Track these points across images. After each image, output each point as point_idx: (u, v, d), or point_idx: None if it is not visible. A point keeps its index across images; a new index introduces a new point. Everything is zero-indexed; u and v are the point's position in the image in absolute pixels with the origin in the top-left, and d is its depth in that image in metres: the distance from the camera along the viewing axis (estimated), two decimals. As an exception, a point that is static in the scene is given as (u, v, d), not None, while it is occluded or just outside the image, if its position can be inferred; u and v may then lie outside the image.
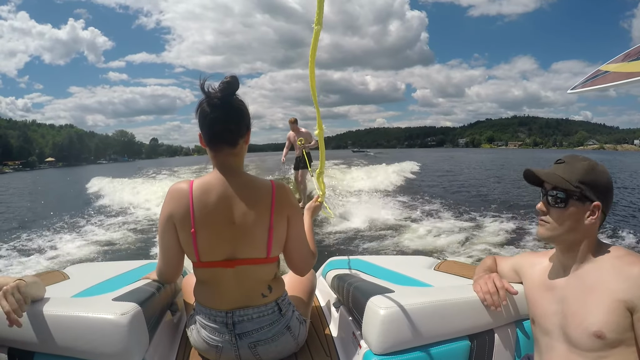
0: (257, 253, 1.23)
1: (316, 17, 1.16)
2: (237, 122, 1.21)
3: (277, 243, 1.25)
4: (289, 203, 1.26)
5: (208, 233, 1.19)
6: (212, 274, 1.25)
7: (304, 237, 1.34)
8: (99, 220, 8.82)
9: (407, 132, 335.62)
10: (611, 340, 0.90)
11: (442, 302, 1.17)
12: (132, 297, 1.24)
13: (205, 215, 1.18)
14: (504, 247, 5.67)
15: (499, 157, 51.57)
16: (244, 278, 1.24)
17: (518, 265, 1.25)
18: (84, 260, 5.52)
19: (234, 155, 1.24)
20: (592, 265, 1.00)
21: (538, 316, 1.09)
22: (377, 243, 5.82)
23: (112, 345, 1.08)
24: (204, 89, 1.16)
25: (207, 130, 1.20)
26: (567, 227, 1.01)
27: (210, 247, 1.21)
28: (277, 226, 1.23)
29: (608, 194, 1.02)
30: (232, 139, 1.21)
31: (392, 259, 2.43)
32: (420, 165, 21.15)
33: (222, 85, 1.17)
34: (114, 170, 32.18)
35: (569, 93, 1.38)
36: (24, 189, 24.21)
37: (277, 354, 1.32)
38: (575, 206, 0.99)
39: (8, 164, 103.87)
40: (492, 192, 12.62)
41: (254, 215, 1.20)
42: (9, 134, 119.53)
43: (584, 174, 1.00)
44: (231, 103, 1.19)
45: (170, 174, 19.93)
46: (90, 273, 1.83)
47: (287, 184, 1.33)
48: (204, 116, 1.18)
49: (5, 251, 6.26)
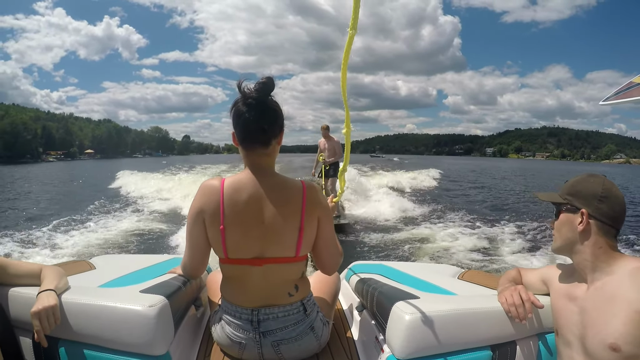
0: (286, 252, 1.22)
1: (351, 22, 1.13)
2: (271, 122, 1.20)
3: (306, 243, 1.24)
4: (319, 204, 1.24)
5: (237, 231, 1.19)
6: (239, 271, 1.24)
7: (333, 236, 1.32)
8: (122, 212, 9.07)
9: (436, 139, 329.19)
10: (627, 353, 0.88)
11: (467, 311, 1.15)
12: (159, 290, 1.25)
13: (235, 213, 1.18)
14: (527, 260, 5.47)
15: (522, 168, 49.86)
16: (272, 276, 1.23)
17: (546, 276, 1.23)
18: (107, 250, 5.64)
19: (266, 155, 1.23)
20: (610, 277, 0.99)
21: (561, 327, 1.09)
22: (400, 250, 5.75)
23: (138, 336, 1.08)
24: (240, 88, 1.17)
25: (241, 129, 1.20)
26: (565, 236, 1.08)
27: (239, 244, 1.20)
28: (308, 226, 1.22)
29: (595, 200, 1.03)
30: (265, 139, 1.20)
31: (415, 266, 2.38)
32: (442, 173, 20.75)
33: (258, 86, 1.17)
34: (148, 164, 33.28)
35: (601, 104, 1.34)
36: (62, 178, 25.37)
37: (300, 353, 1.30)
38: (566, 216, 1.08)
39: (51, 154, 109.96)
40: (516, 204, 12.21)
41: (284, 216, 1.19)
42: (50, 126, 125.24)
43: (571, 186, 1.09)
44: (266, 103, 1.18)
45: (197, 172, 20.25)
46: (116, 264, 1.84)
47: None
48: (238, 115, 1.18)
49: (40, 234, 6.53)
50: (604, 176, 1.08)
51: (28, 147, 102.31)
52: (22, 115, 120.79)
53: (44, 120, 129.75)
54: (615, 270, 0.99)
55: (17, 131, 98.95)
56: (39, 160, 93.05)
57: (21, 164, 66.58)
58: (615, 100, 1.26)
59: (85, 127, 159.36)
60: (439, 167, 21.91)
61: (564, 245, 1.09)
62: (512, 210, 10.34)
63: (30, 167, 51.02)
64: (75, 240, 6.24)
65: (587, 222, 1.03)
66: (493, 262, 5.28)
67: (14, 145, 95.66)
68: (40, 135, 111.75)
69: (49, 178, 25.41)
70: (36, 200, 12.62)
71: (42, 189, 17.10)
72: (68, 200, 12.24)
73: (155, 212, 9.11)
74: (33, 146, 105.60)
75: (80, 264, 1.72)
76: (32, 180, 22.69)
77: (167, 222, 7.84)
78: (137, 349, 1.09)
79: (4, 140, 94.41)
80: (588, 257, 1.03)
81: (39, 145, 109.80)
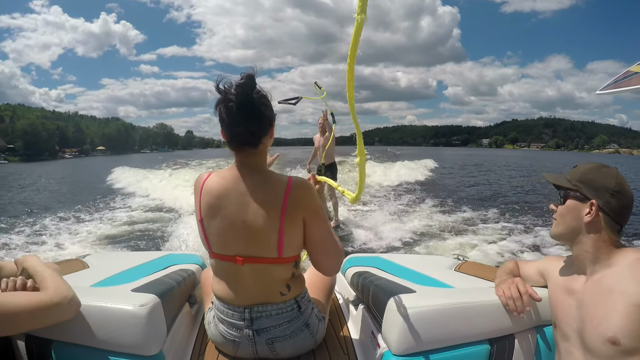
0: (267, 253, 1.14)
1: (359, 5, 0.89)
2: (257, 123, 1.11)
3: (289, 245, 1.14)
4: (304, 204, 1.13)
5: (217, 225, 1.14)
6: (227, 269, 1.19)
7: (327, 238, 1.20)
8: (117, 208, 8.86)
9: (434, 130, 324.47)
10: (626, 347, 0.85)
11: (464, 305, 1.11)
12: (152, 288, 1.21)
13: (213, 206, 1.13)
14: (526, 250, 5.37)
15: (517, 156, 49.46)
16: (260, 276, 1.17)
17: (544, 268, 1.19)
18: (100, 248, 5.45)
19: (255, 154, 1.16)
20: (610, 269, 0.96)
21: (559, 320, 1.05)
22: (397, 242, 5.62)
23: (130, 336, 1.04)
24: (219, 90, 1.07)
25: (227, 132, 1.12)
26: (568, 224, 1.02)
27: (220, 239, 1.15)
28: (289, 227, 1.12)
29: (608, 194, 0.97)
30: (253, 140, 1.12)
31: (412, 258, 2.32)
32: (437, 164, 20.51)
33: (238, 88, 1.06)
34: (153, 159, 33.13)
35: (597, 94, 1.28)
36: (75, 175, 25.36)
37: (295, 351, 1.25)
38: (573, 203, 1.01)
39: (66, 152, 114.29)
40: (512, 194, 12.06)
41: (264, 215, 1.10)
42: (63, 125, 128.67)
43: (583, 174, 1.02)
44: (250, 104, 1.08)
45: (190, 167, 19.61)
46: (110, 262, 1.80)
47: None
48: (222, 118, 1.10)
49: (37, 231, 6.41)
50: (616, 168, 1.02)
51: (46, 145, 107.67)
52: (29, 114, 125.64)
53: (52, 120, 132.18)
54: (615, 263, 0.95)
55: (37, 131, 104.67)
56: (57, 157, 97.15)
57: (40, 161, 67.25)
58: (613, 89, 1.21)
59: (91, 125, 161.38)
60: (434, 157, 21.53)
61: (565, 232, 1.04)
62: (509, 199, 10.19)
63: (49, 164, 51.40)
64: (71, 238, 6.07)
65: (596, 214, 0.98)
66: (490, 253, 5.18)
67: (34, 144, 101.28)
68: (56, 134, 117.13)
69: (66, 174, 25.44)
70: (37, 196, 12.53)
71: (44, 186, 16.89)
72: (70, 196, 12.08)
73: (148, 208, 8.83)
74: (50, 145, 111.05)
75: (74, 263, 1.67)
76: (52, 175, 22.64)
77: (160, 217, 7.56)
78: (129, 349, 1.05)
79: (24, 140, 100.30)
80: (589, 248, 0.99)
81: (55, 143, 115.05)
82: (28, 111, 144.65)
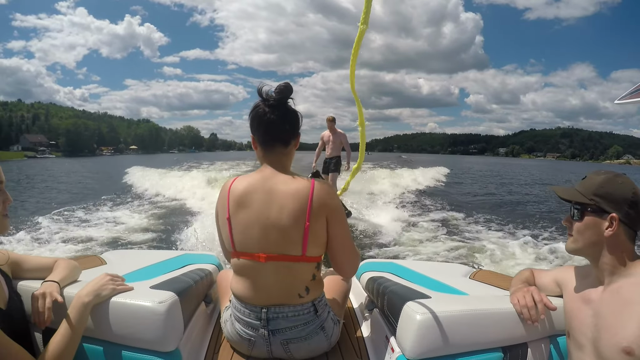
0: (291, 250, 1.15)
1: (362, 16, 1.06)
2: (293, 122, 1.19)
3: (314, 243, 1.16)
4: (326, 204, 1.15)
5: (243, 222, 1.16)
6: (249, 267, 1.18)
7: (346, 238, 1.23)
8: (134, 206, 8.90)
9: (452, 138, 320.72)
10: None
11: (478, 312, 1.08)
12: (170, 286, 1.19)
13: (240, 204, 1.16)
14: (540, 260, 5.16)
15: (531, 166, 47.82)
16: (281, 275, 1.16)
17: (560, 277, 1.14)
18: (119, 246, 5.45)
19: (284, 154, 1.21)
20: (628, 279, 0.92)
21: (573, 329, 1.01)
22: (411, 249, 5.51)
23: (148, 332, 1.03)
24: (261, 93, 1.16)
25: (264, 129, 1.18)
26: (588, 240, 0.96)
27: (244, 236, 1.16)
28: (314, 226, 1.14)
29: (626, 205, 0.92)
30: (286, 138, 1.20)
31: (427, 265, 2.26)
32: (450, 171, 20.03)
33: (278, 90, 1.16)
34: (183, 159, 33.62)
35: (616, 103, 1.21)
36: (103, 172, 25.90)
37: (309, 352, 1.23)
38: (592, 219, 0.95)
39: (103, 149, 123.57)
40: (526, 204, 11.68)
41: (289, 212, 1.13)
42: (99, 125, 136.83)
43: (598, 186, 0.95)
44: (286, 106, 1.18)
45: (210, 169, 19.51)
46: (127, 260, 1.78)
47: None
48: (259, 116, 1.16)
49: (54, 227, 6.50)
50: (626, 175, 0.98)
51: (86, 143, 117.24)
52: (61, 113, 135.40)
53: (84, 120, 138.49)
54: (633, 273, 0.91)
55: (79, 130, 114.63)
56: (96, 154, 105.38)
57: (80, 157, 69.55)
58: (631, 99, 1.15)
59: (120, 125, 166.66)
60: (448, 165, 21.04)
61: (584, 248, 0.98)
62: (525, 209, 9.90)
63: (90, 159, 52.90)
64: (88, 235, 6.06)
65: (617, 227, 0.92)
66: (505, 262, 5.02)
67: (77, 142, 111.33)
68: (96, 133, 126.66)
69: (98, 170, 26.12)
70: (61, 191, 12.82)
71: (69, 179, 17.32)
72: (88, 192, 12.23)
73: (167, 207, 8.83)
74: (90, 142, 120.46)
75: (92, 259, 1.67)
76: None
77: (179, 218, 7.51)
78: (147, 345, 1.04)
79: (67, 137, 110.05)
80: (609, 260, 0.94)
81: (94, 142, 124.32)
82: (60, 110, 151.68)
